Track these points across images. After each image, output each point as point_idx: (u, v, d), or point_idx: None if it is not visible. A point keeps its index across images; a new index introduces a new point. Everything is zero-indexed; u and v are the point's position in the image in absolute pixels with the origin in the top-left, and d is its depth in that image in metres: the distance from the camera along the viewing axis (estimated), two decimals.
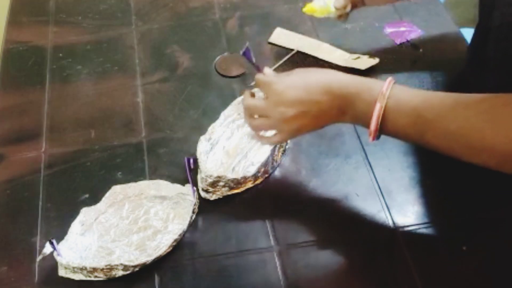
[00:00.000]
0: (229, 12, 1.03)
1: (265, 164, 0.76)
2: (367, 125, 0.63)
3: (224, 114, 0.81)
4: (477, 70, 0.71)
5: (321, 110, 0.65)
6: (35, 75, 0.94)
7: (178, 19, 1.03)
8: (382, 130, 0.63)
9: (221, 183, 0.73)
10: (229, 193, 0.75)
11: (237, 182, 0.74)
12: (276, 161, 0.78)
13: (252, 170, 0.75)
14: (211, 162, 0.77)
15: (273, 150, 0.76)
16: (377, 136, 0.63)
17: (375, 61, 0.90)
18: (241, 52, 0.74)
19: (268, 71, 0.72)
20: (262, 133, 0.75)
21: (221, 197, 0.74)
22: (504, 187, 0.73)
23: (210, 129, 0.79)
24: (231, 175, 0.74)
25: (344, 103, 0.64)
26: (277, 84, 0.67)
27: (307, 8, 0.89)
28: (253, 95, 0.73)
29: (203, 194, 0.75)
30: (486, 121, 0.55)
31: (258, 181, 0.76)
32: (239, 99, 0.82)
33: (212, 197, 0.74)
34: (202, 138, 0.77)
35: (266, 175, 0.77)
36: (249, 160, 0.77)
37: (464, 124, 0.56)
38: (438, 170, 0.76)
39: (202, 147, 0.76)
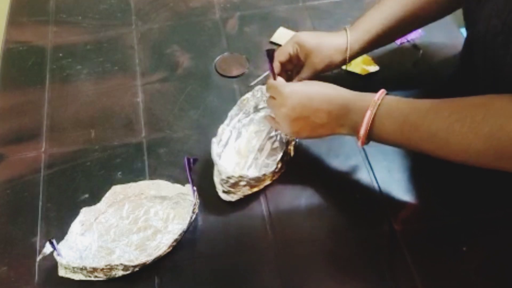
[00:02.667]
0: (229, 12, 1.03)
1: (282, 159, 0.76)
2: (358, 133, 0.67)
3: (230, 114, 0.81)
4: (469, 77, 0.73)
5: (320, 118, 0.69)
6: (35, 75, 0.94)
7: (178, 19, 1.03)
8: (372, 135, 0.67)
9: (242, 183, 0.73)
10: (249, 192, 0.75)
11: (258, 180, 0.74)
12: (290, 156, 0.78)
13: (270, 167, 0.75)
14: (226, 163, 0.77)
15: (286, 145, 0.77)
16: (366, 142, 0.67)
17: (374, 68, 0.90)
18: (266, 54, 0.76)
19: (280, 78, 0.77)
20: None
21: (242, 197, 0.74)
22: (504, 188, 0.73)
23: (219, 130, 0.78)
24: (252, 174, 0.74)
25: (341, 114, 0.68)
26: (284, 87, 0.71)
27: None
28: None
29: (223, 196, 0.74)
30: (457, 121, 0.59)
31: (275, 177, 0.76)
32: (243, 97, 0.82)
33: (234, 198, 0.74)
34: (214, 140, 0.76)
35: (283, 170, 0.77)
36: (263, 157, 0.78)
37: (442, 125, 0.60)
38: (438, 170, 0.75)
39: (215, 149, 0.75)
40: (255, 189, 0.75)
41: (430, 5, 0.78)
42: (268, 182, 0.76)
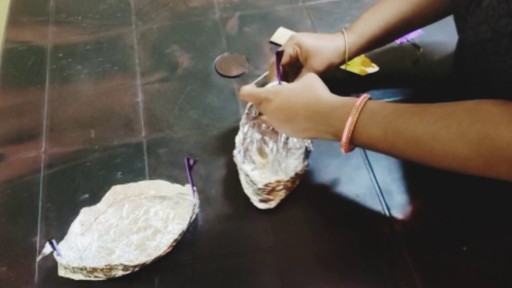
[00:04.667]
0: (229, 12, 1.03)
1: (306, 156, 0.76)
2: (341, 139, 0.66)
3: (241, 123, 0.80)
4: (461, 81, 0.72)
5: (299, 123, 0.69)
6: (35, 75, 0.94)
7: (178, 19, 1.03)
8: (355, 141, 0.65)
9: (279, 187, 0.72)
10: (284, 195, 0.74)
11: (293, 181, 0.74)
12: (311, 150, 0.77)
13: (298, 165, 0.75)
14: (252, 171, 0.75)
15: (304, 141, 0.76)
16: (350, 148, 0.66)
17: (373, 69, 0.90)
18: (274, 58, 0.76)
19: (272, 84, 0.78)
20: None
21: (279, 202, 0.74)
22: (504, 188, 0.73)
23: (237, 142, 0.77)
24: (286, 176, 0.73)
25: (320, 120, 0.67)
26: (269, 92, 0.71)
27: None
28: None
29: (261, 205, 0.73)
30: (444, 127, 0.58)
31: (301, 176, 0.76)
32: (249, 105, 0.81)
33: (272, 204, 0.73)
34: (235, 152, 0.76)
35: (307, 168, 0.77)
36: (284, 158, 0.77)
37: (427, 130, 0.59)
38: (438, 170, 0.75)
39: (240, 160, 0.75)
40: (288, 192, 0.74)
41: (426, 8, 0.78)
42: (297, 182, 0.75)
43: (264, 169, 0.77)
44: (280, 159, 0.77)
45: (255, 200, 0.74)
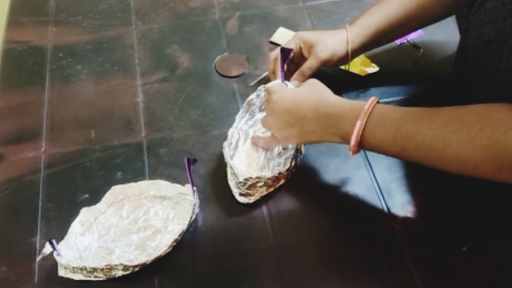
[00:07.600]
0: (229, 12, 1.03)
1: (294, 157, 0.76)
2: (349, 142, 0.66)
3: (238, 116, 0.80)
4: (462, 82, 0.72)
5: (307, 125, 0.69)
6: (35, 75, 0.94)
7: (178, 19, 1.03)
8: (363, 145, 0.65)
9: (260, 184, 0.73)
10: (266, 192, 0.74)
11: (275, 180, 0.74)
12: (301, 153, 0.78)
13: (284, 165, 0.75)
14: (240, 165, 0.77)
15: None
16: (357, 151, 0.66)
17: (373, 69, 0.90)
18: (279, 55, 0.77)
19: (278, 82, 0.78)
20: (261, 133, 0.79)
21: (258, 198, 0.74)
22: (504, 188, 0.72)
23: (229, 134, 0.78)
24: (267, 174, 0.74)
25: (329, 122, 0.67)
26: (275, 94, 0.71)
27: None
28: None
29: (241, 199, 0.74)
30: (454, 132, 0.58)
31: (289, 176, 0.76)
32: (248, 99, 0.81)
33: (251, 199, 0.74)
34: (225, 144, 0.76)
35: (295, 169, 0.77)
36: (274, 156, 0.77)
37: (437, 135, 0.59)
38: (438, 170, 0.75)
39: (227, 153, 0.75)
40: (271, 189, 0.75)
41: (432, 5, 0.78)
42: (282, 181, 0.76)
43: (252, 164, 0.77)
44: (270, 156, 0.77)
45: (236, 193, 0.74)
